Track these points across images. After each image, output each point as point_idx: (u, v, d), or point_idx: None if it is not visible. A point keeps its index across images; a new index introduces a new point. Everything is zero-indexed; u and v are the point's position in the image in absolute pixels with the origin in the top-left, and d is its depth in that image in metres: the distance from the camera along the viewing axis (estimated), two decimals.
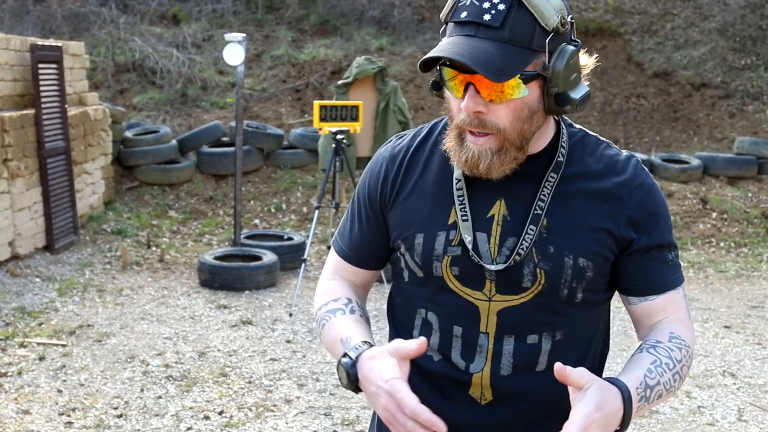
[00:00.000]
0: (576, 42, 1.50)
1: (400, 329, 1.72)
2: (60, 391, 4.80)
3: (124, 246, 7.97)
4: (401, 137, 1.74)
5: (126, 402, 4.69)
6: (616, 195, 1.58)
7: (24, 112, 7.31)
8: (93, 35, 13.40)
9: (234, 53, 7.21)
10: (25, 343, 5.53)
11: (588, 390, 1.38)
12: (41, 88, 7.52)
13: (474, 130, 1.49)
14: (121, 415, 4.52)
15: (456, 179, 1.59)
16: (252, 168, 10.17)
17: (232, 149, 9.34)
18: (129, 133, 10.02)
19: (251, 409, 4.66)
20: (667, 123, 12.65)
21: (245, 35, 7.47)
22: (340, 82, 7.76)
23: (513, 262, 1.54)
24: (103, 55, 12.91)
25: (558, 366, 1.38)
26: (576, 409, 1.36)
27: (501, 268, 1.55)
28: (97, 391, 4.83)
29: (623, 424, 1.44)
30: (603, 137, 1.68)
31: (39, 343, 5.55)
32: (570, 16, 1.47)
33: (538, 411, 1.63)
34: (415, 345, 1.47)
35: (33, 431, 4.31)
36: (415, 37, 14.06)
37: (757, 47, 13.90)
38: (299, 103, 12.37)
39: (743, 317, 6.71)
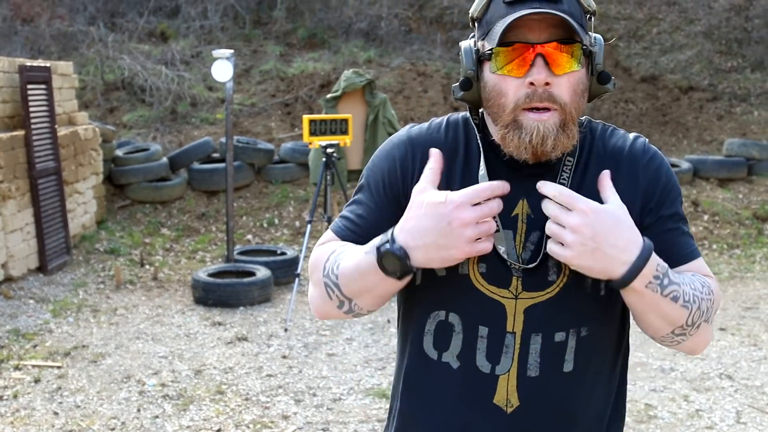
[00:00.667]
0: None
1: (411, 340, 1.64)
2: (56, 414, 4.78)
3: (117, 265, 7.95)
4: (418, 125, 1.68)
5: (123, 423, 4.67)
6: (629, 173, 1.58)
7: (14, 133, 7.30)
8: (82, 54, 13.40)
9: (222, 70, 7.21)
10: (20, 366, 5.51)
11: (613, 198, 1.45)
12: (30, 108, 7.52)
13: (539, 105, 1.46)
14: None
15: (482, 179, 1.55)
16: (243, 183, 10.17)
17: (223, 165, 9.35)
18: (120, 152, 10.02)
19: (249, 427, 4.65)
20: (656, 127, 12.69)
21: (233, 51, 7.48)
22: (328, 95, 7.76)
23: (545, 248, 1.49)
24: (92, 74, 12.91)
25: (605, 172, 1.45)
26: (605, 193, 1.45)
27: (532, 265, 1.53)
28: (94, 413, 4.81)
29: (625, 275, 1.41)
30: None
31: (34, 366, 5.53)
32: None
33: (564, 419, 1.59)
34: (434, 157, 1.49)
35: None
36: (403, 49, 14.10)
37: (743, 49, 13.97)
38: (289, 117, 12.38)
39: (738, 319, 6.72)
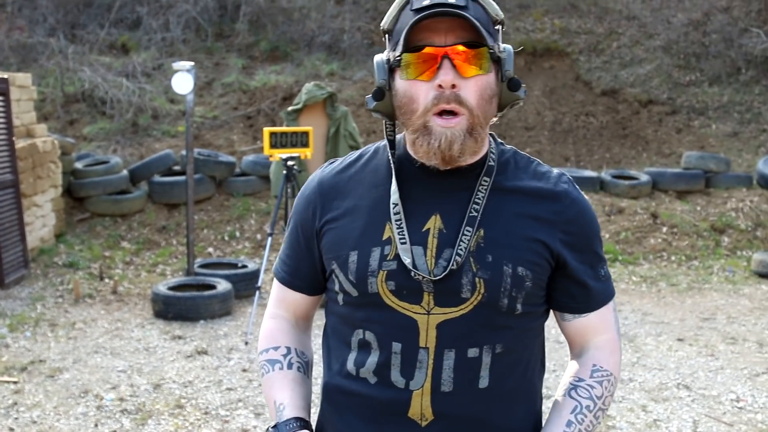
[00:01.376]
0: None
1: (333, 358, 1.71)
2: (12, 430, 4.71)
3: (76, 279, 7.87)
4: (332, 162, 1.76)
5: None
6: (549, 210, 1.62)
7: None
8: (41, 66, 13.28)
9: (183, 82, 7.18)
10: None
11: None
12: None
13: (447, 107, 1.51)
14: None
15: (393, 204, 1.60)
16: (204, 196, 10.12)
17: (183, 178, 9.29)
18: (79, 165, 9.92)
19: None
20: (616, 140, 12.83)
21: (193, 64, 7.45)
22: (289, 108, 7.76)
23: (455, 264, 1.54)
24: (52, 86, 12.80)
25: None
26: None
27: (440, 277, 1.54)
28: (50, 428, 4.74)
29: None
30: (555, 155, 1.75)
31: None
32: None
33: None
34: None
35: None
36: (365, 62, 14.13)
37: (701, 63, 14.18)
38: (251, 130, 12.35)
39: (696, 329, 6.80)
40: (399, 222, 1.58)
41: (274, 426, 1.63)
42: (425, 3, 1.50)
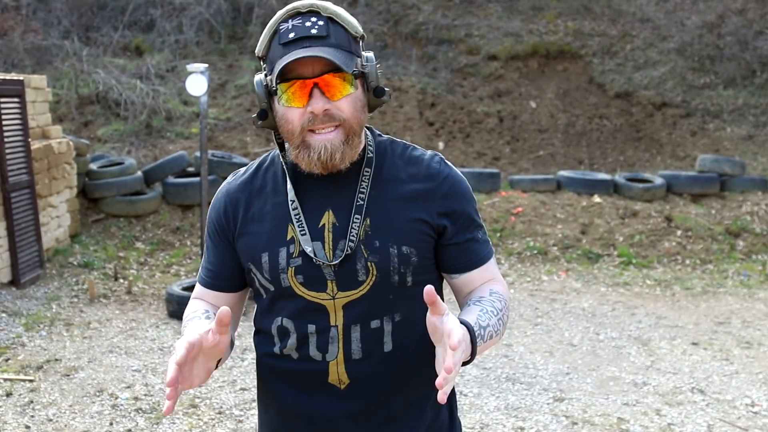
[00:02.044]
0: (370, 51, 1.86)
1: (261, 338, 1.95)
2: (28, 428, 4.74)
3: (90, 279, 7.90)
4: (236, 174, 1.99)
5: None
6: (425, 189, 1.86)
7: None
8: (56, 68, 13.34)
9: (197, 84, 7.20)
10: None
11: (449, 315, 1.60)
12: (3, 122, 7.46)
13: (322, 126, 1.74)
14: None
15: (291, 201, 1.84)
16: None
17: (197, 179, 9.32)
18: (94, 166, 9.96)
19: None
20: (630, 143, 12.80)
21: (208, 65, 7.47)
22: None
23: (348, 249, 1.79)
24: (67, 88, 12.86)
25: (428, 288, 1.56)
26: (451, 322, 1.57)
27: (336, 262, 1.79)
28: (66, 426, 4.77)
29: (472, 354, 1.70)
30: (568, 157, 1.83)
31: (6, 379, 5.47)
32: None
33: (391, 389, 1.86)
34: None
35: None
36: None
37: (716, 66, 14.14)
38: (264, 132, 12.37)
39: (710, 333, 6.77)
40: (298, 217, 1.83)
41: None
42: (291, 37, 1.73)
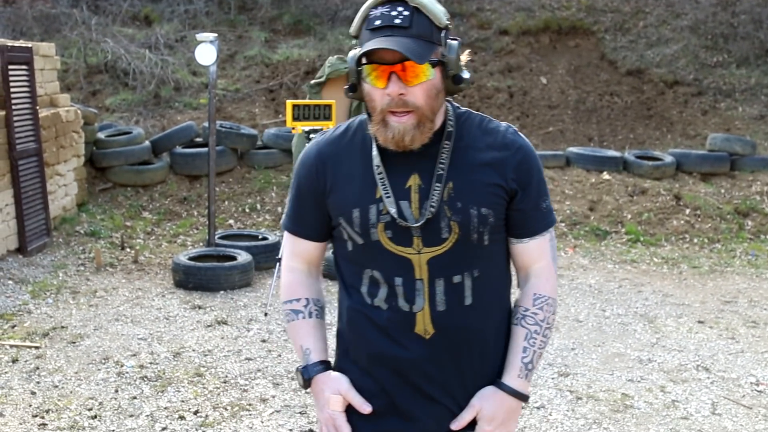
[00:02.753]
0: (456, 39, 1.97)
1: (350, 288, 2.13)
2: (33, 393, 4.75)
3: (97, 248, 7.91)
4: (324, 133, 2.17)
5: (100, 403, 4.65)
6: (501, 157, 2.04)
7: None
8: (64, 36, 13.29)
9: (206, 53, 7.17)
10: None
11: (481, 413, 2.07)
12: (11, 89, 7.45)
13: (397, 110, 1.92)
14: (96, 416, 4.48)
15: (376, 165, 2.02)
16: (226, 168, 10.13)
17: (205, 150, 9.30)
18: (101, 135, 9.95)
19: (227, 409, 4.63)
20: (641, 120, 12.73)
21: (217, 35, 7.43)
22: (312, 81, 7.73)
23: (430, 214, 1.97)
24: (75, 57, 12.82)
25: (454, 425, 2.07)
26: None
27: (422, 222, 1.98)
28: (71, 393, 4.78)
29: (524, 400, 2.11)
30: (578, 134, 1.88)
31: (12, 346, 5.49)
32: (448, 18, 1.96)
33: (471, 337, 2.06)
34: (356, 401, 2.08)
35: None
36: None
37: (729, 44, 14.02)
38: (273, 104, 12.34)
39: (717, 312, 6.75)
40: (383, 180, 2.01)
41: (303, 367, 2.14)
42: (377, 24, 1.89)
